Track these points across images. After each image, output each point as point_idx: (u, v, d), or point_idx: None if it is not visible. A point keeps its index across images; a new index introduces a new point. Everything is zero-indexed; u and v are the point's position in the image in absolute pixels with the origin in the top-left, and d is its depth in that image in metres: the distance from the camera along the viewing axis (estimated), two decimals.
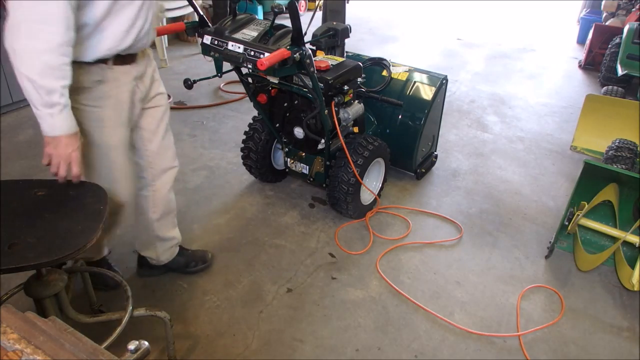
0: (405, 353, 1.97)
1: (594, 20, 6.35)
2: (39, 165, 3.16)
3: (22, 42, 1.30)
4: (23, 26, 1.29)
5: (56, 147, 1.44)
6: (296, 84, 2.29)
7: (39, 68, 1.32)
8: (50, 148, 1.44)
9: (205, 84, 4.62)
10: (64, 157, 1.46)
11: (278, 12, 2.10)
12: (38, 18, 1.29)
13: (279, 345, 1.97)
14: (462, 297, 2.27)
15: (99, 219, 1.40)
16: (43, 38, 1.30)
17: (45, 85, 1.34)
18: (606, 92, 4.40)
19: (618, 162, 3.00)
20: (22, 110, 3.89)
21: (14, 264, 1.22)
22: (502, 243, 2.67)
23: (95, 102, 1.62)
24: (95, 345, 0.75)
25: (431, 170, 3.34)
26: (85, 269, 1.88)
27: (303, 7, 7.81)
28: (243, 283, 2.28)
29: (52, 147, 1.44)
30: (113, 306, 2.08)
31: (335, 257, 2.48)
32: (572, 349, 2.05)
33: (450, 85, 4.41)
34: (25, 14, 1.28)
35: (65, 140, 1.44)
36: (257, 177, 3.04)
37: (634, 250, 2.36)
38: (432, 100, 2.88)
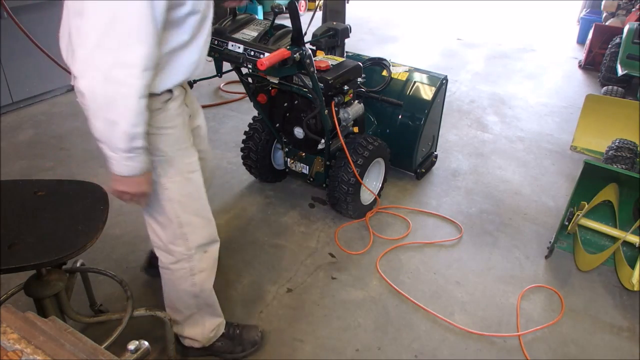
0: (405, 353, 1.97)
1: (594, 20, 6.35)
2: (39, 165, 3.16)
3: (109, 87, 1.15)
4: (112, 72, 1.14)
5: (129, 186, 1.33)
6: (296, 84, 2.29)
7: (129, 115, 1.18)
8: (119, 185, 1.33)
9: (205, 84, 4.62)
10: (137, 195, 1.37)
11: (278, 12, 2.10)
12: (126, 61, 1.15)
13: (279, 345, 1.97)
14: (462, 297, 2.27)
15: (99, 219, 1.40)
16: (131, 83, 1.16)
17: (132, 132, 1.20)
18: (606, 92, 4.40)
19: (618, 162, 3.00)
20: (22, 110, 3.89)
21: (14, 264, 1.22)
22: (502, 243, 2.67)
23: (168, 122, 1.43)
24: (95, 345, 0.75)
25: (431, 170, 3.34)
26: (85, 269, 1.88)
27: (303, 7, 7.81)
28: (243, 283, 2.28)
29: (123, 185, 1.33)
30: (113, 306, 2.08)
31: (335, 257, 2.48)
32: (572, 349, 2.05)
33: (450, 85, 4.41)
34: (111, 57, 1.13)
35: (139, 180, 1.33)
36: (257, 177, 3.04)
37: (634, 250, 2.36)
38: (432, 100, 2.88)
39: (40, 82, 3.91)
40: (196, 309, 1.74)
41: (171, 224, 1.55)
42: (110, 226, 2.53)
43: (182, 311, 1.74)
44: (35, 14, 3.62)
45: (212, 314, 1.81)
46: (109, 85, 1.15)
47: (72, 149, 3.37)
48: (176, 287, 1.67)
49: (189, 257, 1.61)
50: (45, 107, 3.97)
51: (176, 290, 1.68)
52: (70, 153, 3.32)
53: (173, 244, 1.58)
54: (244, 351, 1.89)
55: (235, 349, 1.88)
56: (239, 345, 1.89)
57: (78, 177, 3.02)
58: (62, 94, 4.19)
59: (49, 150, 3.34)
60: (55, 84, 4.07)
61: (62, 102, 4.06)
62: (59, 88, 4.15)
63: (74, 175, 3.06)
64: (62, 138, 3.50)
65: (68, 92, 4.22)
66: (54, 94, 4.12)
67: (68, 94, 4.18)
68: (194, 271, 1.64)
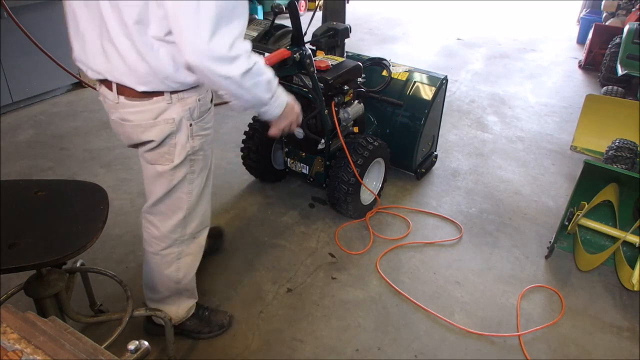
0: (405, 353, 1.97)
1: (594, 20, 6.35)
2: (39, 165, 3.16)
3: (241, 63, 1.25)
4: (235, 47, 1.23)
5: (287, 117, 1.53)
6: (296, 84, 2.29)
7: (262, 70, 1.33)
8: (280, 124, 1.54)
9: None
10: (294, 120, 1.58)
11: (278, 12, 2.11)
12: (240, 33, 1.25)
13: (279, 345, 1.97)
14: (462, 297, 2.27)
15: (99, 219, 1.40)
16: (247, 47, 1.27)
17: (268, 80, 1.37)
18: (606, 92, 4.40)
19: (618, 162, 3.00)
20: (22, 110, 3.89)
21: (14, 264, 1.22)
22: (502, 243, 2.67)
23: (211, 122, 1.56)
24: (95, 345, 0.75)
25: (431, 170, 3.34)
26: (85, 269, 1.88)
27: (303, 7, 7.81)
28: (243, 283, 2.28)
29: (282, 121, 1.52)
30: (113, 306, 2.08)
31: (335, 257, 2.48)
32: (572, 349, 2.05)
33: (450, 85, 4.41)
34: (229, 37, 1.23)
35: (289, 107, 1.52)
36: (257, 177, 3.04)
37: (634, 250, 2.36)
38: (432, 100, 2.88)
39: (40, 82, 3.91)
40: (174, 292, 1.80)
41: (179, 214, 1.61)
42: (110, 226, 2.53)
43: (160, 292, 1.79)
44: (35, 14, 3.62)
45: (188, 297, 1.87)
46: (240, 61, 1.24)
47: (72, 149, 3.37)
48: (161, 271, 1.71)
49: (180, 242, 1.68)
50: (45, 107, 3.97)
51: (160, 274, 1.72)
52: (70, 153, 3.32)
53: (172, 232, 1.64)
54: (211, 332, 1.97)
55: (203, 329, 1.96)
56: (207, 326, 1.96)
57: (78, 177, 3.03)
58: (62, 94, 4.19)
59: (49, 150, 3.34)
60: (56, 84, 4.07)
61: (62, 102, 4.06)
62: (59, 88, 4.15)
63: (74, 175, 3.07)
64: (62, 138, 3.50)
65: (68, 92, 4.22)
66: (54, 94, 4.12)
67: (68, 94, 4.19)
68: (180, 255, 1.70)
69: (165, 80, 1.34)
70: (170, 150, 1.47)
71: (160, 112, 1.40)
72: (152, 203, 1.60)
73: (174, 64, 1.31)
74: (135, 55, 1.29)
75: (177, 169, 1.52)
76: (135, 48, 1.27)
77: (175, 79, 1.35)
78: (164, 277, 1.73)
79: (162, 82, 1.34)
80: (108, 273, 1.84)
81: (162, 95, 1.38)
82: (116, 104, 1.41)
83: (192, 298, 1.90)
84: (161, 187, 1.55)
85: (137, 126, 1.42)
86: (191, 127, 1.46)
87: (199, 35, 1.16)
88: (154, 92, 1.37)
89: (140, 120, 1.41)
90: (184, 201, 1.59)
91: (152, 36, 1.26)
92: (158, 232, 1.64)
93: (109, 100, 1.42)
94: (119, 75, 1.34)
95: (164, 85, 1.35)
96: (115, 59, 1.32)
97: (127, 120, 1.42)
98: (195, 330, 1.95)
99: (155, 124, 1.41)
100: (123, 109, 1.41)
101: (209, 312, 2.00)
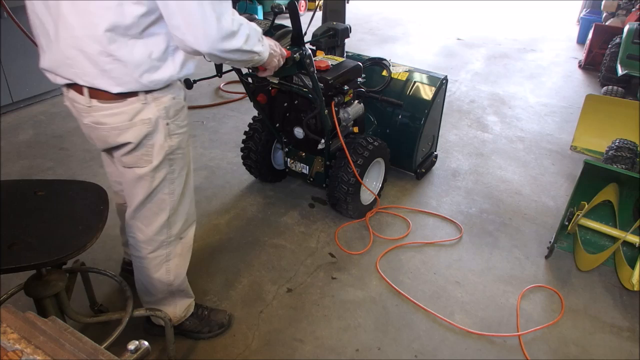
0: (405, 353, 1.97)
1: (594, 20, 6.35)
2: (39, 165, 3.16)
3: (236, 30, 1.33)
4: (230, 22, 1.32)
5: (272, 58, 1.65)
6: (296, 84, 2.29)
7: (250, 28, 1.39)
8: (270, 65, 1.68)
9: (205, 84, 4.62)
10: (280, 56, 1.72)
11: (278, 12, 2.11)
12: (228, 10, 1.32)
13: (279, 345, 1.97)
14: (462, 297, 2.27)
15: (99, 219, 1.40)
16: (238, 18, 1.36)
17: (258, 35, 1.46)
18: (606, 92, 4.40)
19: (618, 162, 3.00)
20: (22, 110, 3.89)
21: (14, 264, 1.22)
22: (502, 243, 2.67)
23: (186, 120, 1.55)
24: (95, 345, 0.75)
25: (431, 170, 3.34)
26: (85, 269, 1.88)
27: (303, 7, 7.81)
28: (243, 283, 2.28)
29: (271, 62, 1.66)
30: (113, 306, 2.08)
31: (335, 257, 2.48)
32: (572, 349, 2.05)
33: (450, 85, 4.41)
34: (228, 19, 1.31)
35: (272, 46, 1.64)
36: (257, 177, 3.04)
37: (634, 250, 2.36)
38: (432, 100, 2.88)
39: (40, 82, 3.91)
40: (169, 294, 1.80)
41: (163, 216, 1.61)
42: (110, 226, 2.51)
43: (154, 294, 1.79)
44: None
45: (183, 297, 1.87)
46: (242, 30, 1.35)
47: (72, 149, 3.37)
48: (151, 275, 1.71)
49: (168, 243, 1.67)
50: (45, 107, 3.97)
51: (150, 278, 1.72)
52: (70, 153, 3.32)
53: (158, 234, 1.64)
54: (211, 332, 1.97)
55: (203, 329, 1.96)
56: (207, 326, 1.96)
57: (78, 177, 3.03)
58: (62, 94, 4.18)
59: (49, 150, 3.34)
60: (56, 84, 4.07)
61: (62, 102, 4.04)
62: (59, 88, 4.14)
63: (74, 175, 3.07)
64: (62, 138, 3.50)
65: None
66: (54, 94, 4.12)
67: None
68: (169, 257, 1.70)
69: (140, 79, 1.32)
70: (148, 152, 1.46)
71: (136, 113, 1.38)
72: (135, 208, 1.58)
73: (149, 59, 1.31)
74: (107, 58, 1.27)
75: (157, 170, 1.50)
76: (106, 51, 1.26)
77: (150, 77, 1.34)
78: (155, 280, 1.72)
79: (137, 81, 1.32)
80: (108, 273, 1.84)
81: (136, 96, 1.36)
82: (88, 107, 1.38)
83: (188, 297, 1.90)
84: (142, 190, 1.53)
85: (113, 129, 1.40)
86: (168, 126, 1.45)
87: (209, 23, 1.23)
88: (128, 93, 1.35)
89: (116, 123, 1.38)
90: (166, 202, 1.58)
91: (128, 35, 1.25)
92: (143, 235, 1.63)
93: (80, 104, 1.39)
94: (91, 80, 1.32)
95: (139, 84, 1.33)
96: (85, 64, 1.29)
97: (102, 124, 1.39)
98: (195, 330, 1.95)
99: (131, 126, 1.39)
100: (97, 112, 1.38)
101: (208, 311, 2.00)
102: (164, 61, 1.35)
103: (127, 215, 1.63)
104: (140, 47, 1.28)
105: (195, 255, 2.40)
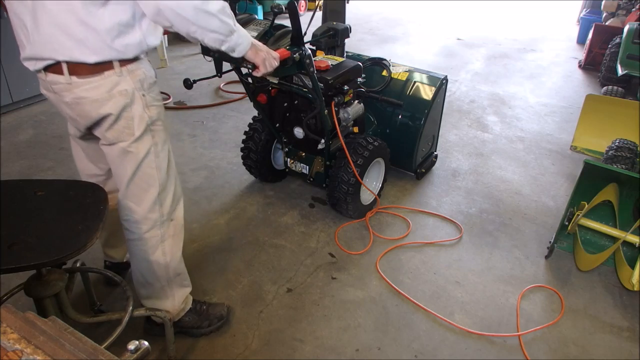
0: (405, 353, 1.97)
1: (594, 20, 6.36)
2: (39, 165, 3.16)
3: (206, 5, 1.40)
4: None
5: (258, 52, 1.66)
6: (296, 84, 2.29)
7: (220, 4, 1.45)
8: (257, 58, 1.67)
9: (205, 84, 4.62)
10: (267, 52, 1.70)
11: (278, 12, 2.11)
12: None
13: (279, 345, 1.97)
14: (462, 297, 2.27)
15: (99, 219, 1.40)
16: None
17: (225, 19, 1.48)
18: (606, 92, 4.40)
19: (618, 162, 3.00)
20: (22, 110, 3.89)
21: (14, 264, 1.22)
22: (502, 243, 2.67)
23: (159, 95, 1.64)
24: (95, 345, 0.75)
25: (431, 170, 3.34)
26: (85, 269, 1.88)
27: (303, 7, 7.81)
28: (243, 283, 2.28)
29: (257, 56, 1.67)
30: (113, 306, 2.08)
31: (335, 257, 2.48)
32: (572, 349, 2.05)
33: (450, 85, 4.41)
34: None
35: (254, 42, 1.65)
36: (257, 177, 3.04)
37: (634, 250, 2.36)
38: (432, 100, 2.88)
39: None
40: (166, 282, 1.81)
41: (153, 192, 1.66)
42: None
43: (152, 284, 1.80)
44: None
45: (180, 285, 1.88)
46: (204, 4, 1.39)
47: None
48: (148, 257, 1.74)
49: (161, 223, 1.72)
50: (45, 107, 3.97)
51: (148, 261, 1.75)
52: (70, 153, 3.29)
53: (151, 211, 1.68)
54: (211, 325, 1.99)
55: (202, 323, 1.97)
56: (206, 320, 1.98)
57: (78, 177, 3.02)
58: None
59: (49, 150, 3.34)
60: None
61: None
62: None
63: (74, 175, 3.06)
64: (62, 138, 3.50)
65: None
66: None
67: None
68: (164, 237, 1.74)
69: (113, 45, 1.41)
70: (129, 124, 1.54)
71: (113, 85, 1.47)
72: (125, 186, 1.64)
73: (118, 25, 1.39)
74: (81, 27, 1.36)
75: (140, 142, 1.57)
76: (80, 19, 1.35)
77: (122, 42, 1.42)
78: (152, 265, 1.76)
79: (110, 47, 1.41)
80: (108, 273, 1.84)
81: (112, 69, 1.45)
82: (69, 85, 1.45)
83: (185, 286, 1.91)
84: (129, 164, 1.59)
85: (94, 101, 1.48)
86: (144, 97, 1.54)
87: None
88: (104, 65, 1.44)
89: (97, 95, 1.47)
90: (154, 177, 1.65)
91: (96, 4, 1.34)
92: (137, 215, 1.68)
93: (60, 83, 1.46)
94: (69, 52, 1.40)
95: (113, 50, 1.42)
96: (63, 38, 1.38)
97: (83, 98, 1.47)
98: (195, 325, 1.95)
99: (110, 97, 1.48)
100: (77, 89, 1.46)
101: (206, 306, 2.02)
102: (132, 27, 1.43)
103: (119, 197, 1.69)
104: (108, 14, 1.37)
105: (195, 255, 2.42)
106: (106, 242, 2.11)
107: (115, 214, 1.76)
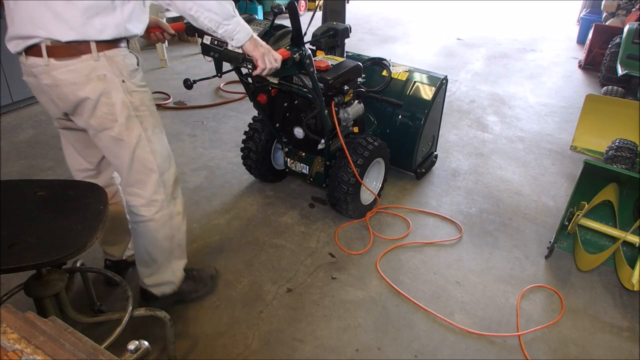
0: (405, 353, 1.97)
1: (594, 20, 6.36)
2: (39, 165, 3.16)
3: None
4: None
5: (257, 47, 1.68)
6: (296, 84, 2.29)
7: None
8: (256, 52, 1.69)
9: (205, 84, 4.62)
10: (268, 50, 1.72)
11: (278, 12, 2.11)
12: None
13: (279, 345, 1.97)
14: (462, 297, 2.27)
15: (99, 219, 1.40)
16: None
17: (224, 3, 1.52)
18: (606, 92, 4.40)
19: (618, 162, 3.00)
20: (22, 110, 3.89)
21: (14, 264, 1.22)
22: (502, 243, 2.67)
23: (144, 81, 1.66)
24: (95, 345, 0.75)
25: (431, 170, 3.34)
26: (85, 269, 1.88)
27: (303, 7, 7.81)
28: (243, 283, 2.28)
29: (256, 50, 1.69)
30: (113, 306, 2.08)
31: (335, 257, 2.48)
32: (572, 349, 2.05)
33: (450, 85, 4.41)
34: None
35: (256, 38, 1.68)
36: (257, 177, 3.04)
37: (634, 250, 2.36)
38: (432, 100, 2.88)
39: None
40: (169, 255, 1.90)
41: (154, 175, 1.70)
42: None
43: (157, 260, 1.88)
44: None
45: (179, 257, 1.97)
46: None
47: None
48: (157, 235, 1.81)
49: (167, 203, 1.79)
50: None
51: (156, 239, 1.82)
52: None
53: (156, 193, 1.73)
54: (206, 286, 2.17)
55: (199, 286, 2.14)
56: (201, 283, 2.15)
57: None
58: None
59: (49, 150, 3.34)
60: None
61: None
62: None
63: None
64: None
65: None
66: None
67: None
68: (172, 214, 1.82)
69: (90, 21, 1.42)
70: (110, 110, 1.55)
71: (91, 69, 1.49)
72: (126, 174, 1.68)
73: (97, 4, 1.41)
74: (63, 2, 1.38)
75: (128, 128, 1.60)
76: None
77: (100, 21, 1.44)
78: (160, 240, 1.82)
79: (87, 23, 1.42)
80: (108, 273, 1.84)
81: (89, 54, 1.47)
82: (46, 67, 1.46)
83: (182, 258, 2.00)
84: (124, 153, 1.63)
85: (72, 84, 1.49)
86: (124, 83, 1.55)
87: None
88: (81, 47, 1.45)
89: (74, 78, 1.48)
90: (151, 161, 1.68)
91: None
92: (143, 199, 1.72)
93: (39, 66, 1.47)
94: (49, 27, 1.40)
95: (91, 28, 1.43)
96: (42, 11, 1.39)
97: (62, 79, 1.49)
98: (193, 290, 2.11)
99: (88, 81, 1.50)
100: (55, 71, 1.47)
101: (196, 271, 2.17)
102: (113, 9, 1.45)
103: (122, 186, 1.74)
104: None
105: (195, 255, 2.42)
106: (104, 240, 2.11)
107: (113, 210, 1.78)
